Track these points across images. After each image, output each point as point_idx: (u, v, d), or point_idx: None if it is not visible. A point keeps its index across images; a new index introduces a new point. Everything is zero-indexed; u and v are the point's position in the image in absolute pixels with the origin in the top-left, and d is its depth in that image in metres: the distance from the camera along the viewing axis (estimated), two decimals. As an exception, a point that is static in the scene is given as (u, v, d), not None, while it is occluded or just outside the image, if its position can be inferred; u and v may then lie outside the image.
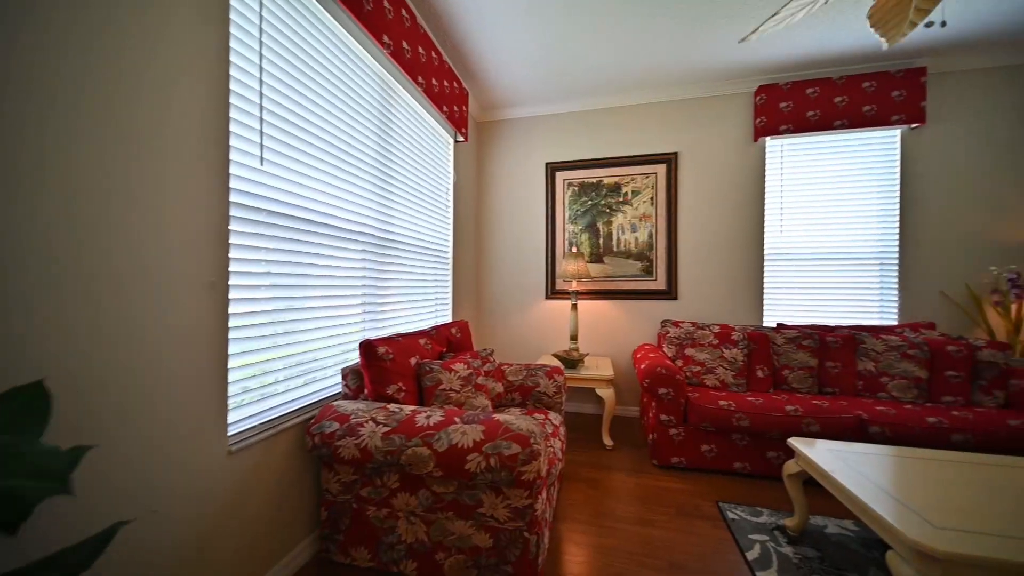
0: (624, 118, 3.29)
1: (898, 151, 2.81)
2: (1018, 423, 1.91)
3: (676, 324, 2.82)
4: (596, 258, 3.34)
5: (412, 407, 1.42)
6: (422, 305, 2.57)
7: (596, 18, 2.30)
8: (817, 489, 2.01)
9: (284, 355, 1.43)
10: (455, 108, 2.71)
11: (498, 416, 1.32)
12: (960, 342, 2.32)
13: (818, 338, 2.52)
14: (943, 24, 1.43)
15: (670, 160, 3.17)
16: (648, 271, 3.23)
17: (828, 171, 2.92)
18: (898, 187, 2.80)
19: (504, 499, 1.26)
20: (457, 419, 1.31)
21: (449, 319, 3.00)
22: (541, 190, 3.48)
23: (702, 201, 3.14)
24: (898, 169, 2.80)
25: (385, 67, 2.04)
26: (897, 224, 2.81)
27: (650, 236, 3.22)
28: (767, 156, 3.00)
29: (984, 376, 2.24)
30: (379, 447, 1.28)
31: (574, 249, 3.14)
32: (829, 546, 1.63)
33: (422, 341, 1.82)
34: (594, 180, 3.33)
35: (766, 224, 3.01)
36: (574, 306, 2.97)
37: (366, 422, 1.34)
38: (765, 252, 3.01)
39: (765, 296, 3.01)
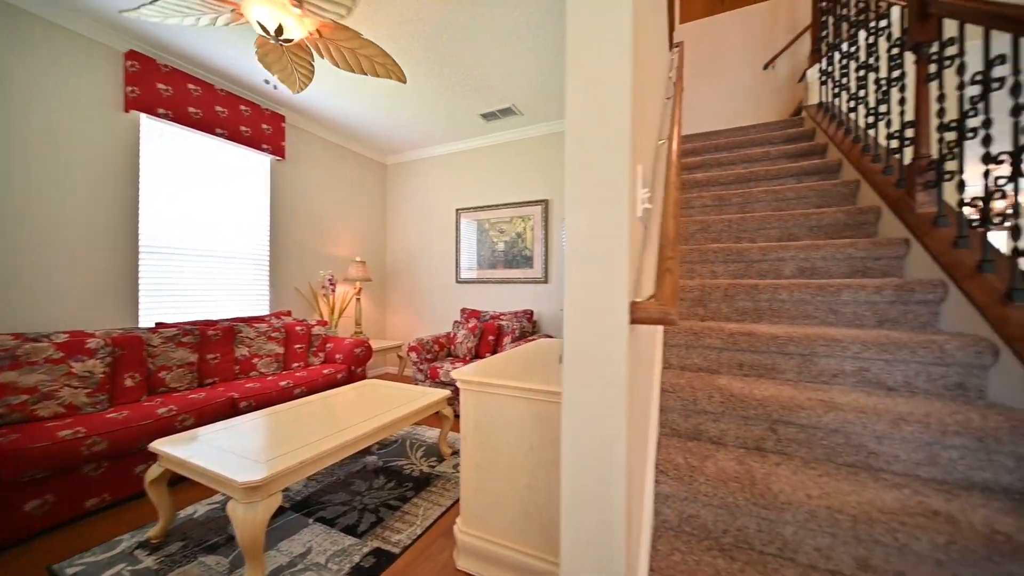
0: None
1: (268, 175, 3.47)
2: (329, 371, 2.99)
3: (-26, 340, 1.82)
4: None
5: None
6: None
7: None
8: (188, 482, 2.05)
9: None
10: None
11: None
12: (304, 323, 3.26)
13: (199, 333, 2.58)
14: (275, 87, 1.93)
15: (-40, 80, 1.98)
16: (-101, 255, 1.84)
17: (216, 173, 3.06)
18: (269, 204, 3.47)
19: None
20: None
21: None
22: None
23: (47, 163, 2.24)
24: (268, 189, 3.47)
25: None
26: (268, 233, 3.47)
27: (-96, 194, 1.85)
28: (142, 135, 2.65)
29: (315, 344, 3.30)
30: None
31: None
32: (197, 528, 1.72)
33: None
34: None
35: (142, 213, 2.66)
36: None
37: None
38: (141, 244, 2.65)
39: (141, 293, 2.65)
